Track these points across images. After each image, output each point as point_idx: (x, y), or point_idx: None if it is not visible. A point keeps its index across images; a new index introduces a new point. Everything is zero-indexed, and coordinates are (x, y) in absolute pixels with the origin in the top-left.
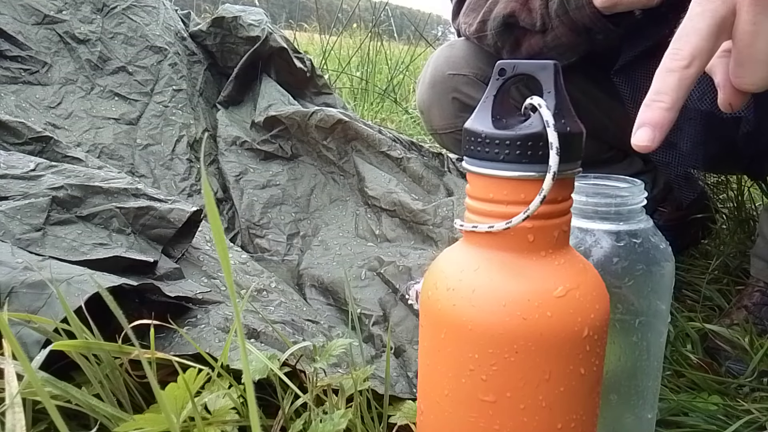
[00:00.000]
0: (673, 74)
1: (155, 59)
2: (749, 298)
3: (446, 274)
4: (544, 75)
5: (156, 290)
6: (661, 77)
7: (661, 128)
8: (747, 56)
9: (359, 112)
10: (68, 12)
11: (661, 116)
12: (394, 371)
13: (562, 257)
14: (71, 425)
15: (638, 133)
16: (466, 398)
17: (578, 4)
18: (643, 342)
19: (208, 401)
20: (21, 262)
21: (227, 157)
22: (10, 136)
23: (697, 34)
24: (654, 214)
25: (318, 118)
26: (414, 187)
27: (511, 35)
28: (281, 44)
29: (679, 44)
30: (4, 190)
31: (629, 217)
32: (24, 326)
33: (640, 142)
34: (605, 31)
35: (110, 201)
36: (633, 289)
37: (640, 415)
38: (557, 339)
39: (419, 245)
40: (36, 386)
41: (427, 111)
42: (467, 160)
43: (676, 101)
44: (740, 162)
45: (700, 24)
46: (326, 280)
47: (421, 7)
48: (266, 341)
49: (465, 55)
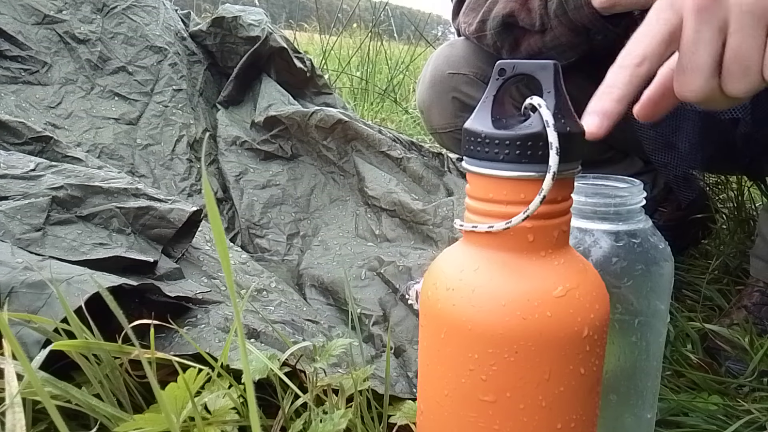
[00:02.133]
0: (624, 70)
1: (155, 59)
2: (749, 298)
3: (446, 274)
4: (543, 75)
5: (156, 290)
6: (613, 72)
7: (610, 117)
8: (688, 63)
9: (359, 112)
10: (68, 12)
11: (610, 106)
12: (394, 371)
13: (562, 257)
14: (71, 425)
15: (587, 119)
16: (465, 398)
17: (577, 4)
18: (643, 342)
19: (208, 401)
20: (21, 262)
21: (227, 157)
22: (10, 136)
23: (650, 38)
24: (654, 214)
25: (318, 118)
26: (414, 187)
27: (510, 35)
28: (281, 44)
29: (633, 45)
30: (4, 190)
31: (628, 217)
32: (24, 326)
33: (589, 128)
34: (604, 31)
35: (110, 201)
36: (632, 289)
37: (640, 415)
38: (557, 339)
39: (419, 245)
40: (36, 386)
41: (427, 110)
42: (467, 160)
43: (624, 95)
44: (739, 162)
45: (653, 30)
46: (326, 280)
47: (421, 7)
48: (266, 341)
49: (465, 55)
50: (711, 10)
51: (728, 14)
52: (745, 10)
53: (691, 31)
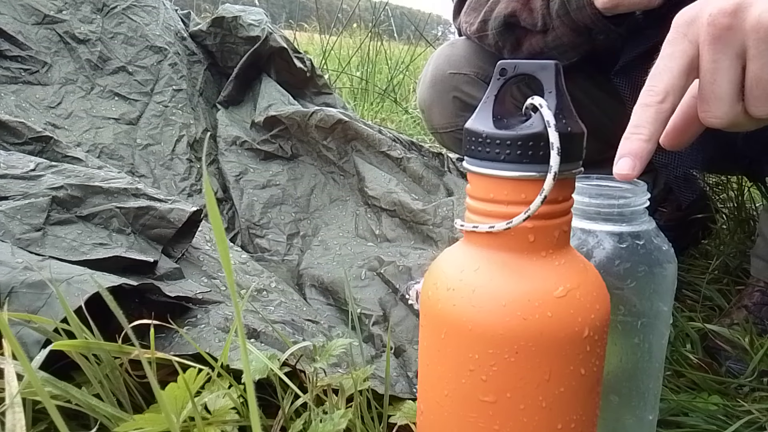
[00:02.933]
0: (649, 109)
1: (155, 59)
2: (749, 297)
3: (446, 274)
4: (545, 75)
5: (156, 290)
6: (639, 112)
7: (641, 158)
8: (710, 92)
9: (359, 112)
10: (68, 12)
11: (640, 147)
12: (394, 371)
13: (563, 257)
14: (71, 425)
15: (620, 163)
16: (466, 398)
17: (579, 4)
18: (645, 343)
19: (208, 401)
20: (21, 262)
21: (227, 157)
22: (10, 136)
23: (669, 73)
24: (654, 214)
25: (318, 118)
26: (414, 187)
27: (512, 35)
28: (281, 44)
29: (654, 81)
30: (4, 190)
31: (632, 218)
32: (24, 326)
33: (622, 171)
34: (606, 31)
35: (110, 201)
36: (635, 290)
37: (641, 416)
38: (557, 339)
39: (419, 245)
40: (36, 386)
41: (428, 110)
42: (468, 160)
43: (653, 133)
44: (740, 163)
45: (672, 63)
46: (326, 280)
47: (421, 7)
48: (266, 341)
49: (466, 54)
50: (726, 38)
51: (745, 39)
52: (762, 36)
53: (709, 62)
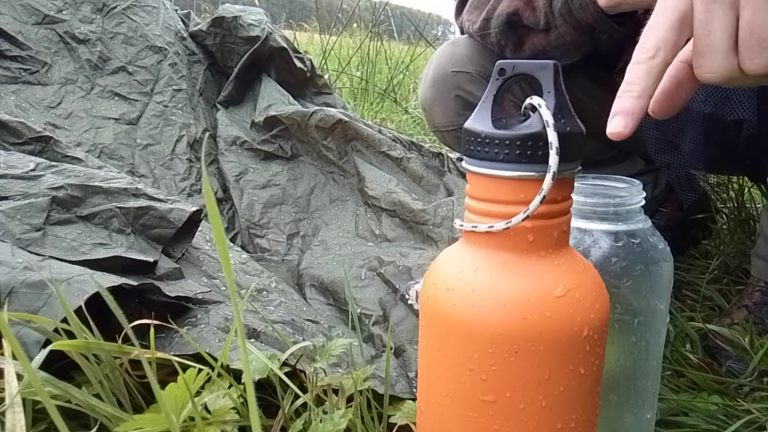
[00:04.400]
0: (640, 65)
1: (155, 59)
2: (750, 297)
3: (446, 274)
4: (544, 75)
5: (156, 290)
6: (630, 69)
7: (633, 115)
8: (704, 45)
9: (359, 112)
10: (68, 12)
11: (632, 104)
12: (394, 371)
13: (562, 257)
14: (71, 425)
15: (612, 121)
16: (465, 398)
17: (582, 3)
18: (642, 342)
19: (208, 401)
20: (21, 262)
21: (227, 157)
22: (10, 136)
23: (661, 27)
24: (655, 214)
25: (318, 118)
26: (414, 187)
27: (514, 34)
28: (281, 44)
29: (645, 38)
30: (4, 190)
31: (628, 217)
32: (24, 326)
33: (615, 129)
34: (609, 30)
35: (110, 201)
36: (632, 289)
37: (640, 415)
38: (557, 339)
39: (419, 245)
40: (36, 386)
41: (430, 108)
42: (467, 159)
43: (645, 89)
44: (741, 163)
45: (663, 18)
46: (326, 280)
47: (421, 7)
48: (266, 341)
49: (468, 53)
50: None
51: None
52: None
53: (701, 13)
